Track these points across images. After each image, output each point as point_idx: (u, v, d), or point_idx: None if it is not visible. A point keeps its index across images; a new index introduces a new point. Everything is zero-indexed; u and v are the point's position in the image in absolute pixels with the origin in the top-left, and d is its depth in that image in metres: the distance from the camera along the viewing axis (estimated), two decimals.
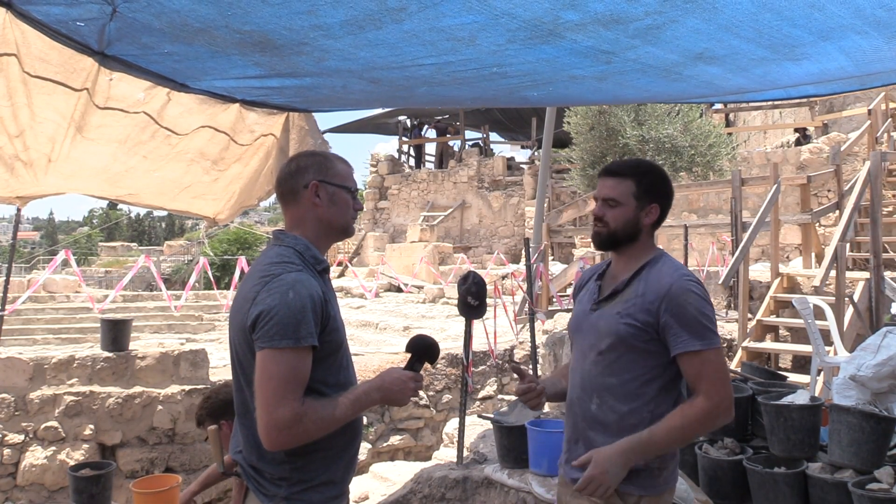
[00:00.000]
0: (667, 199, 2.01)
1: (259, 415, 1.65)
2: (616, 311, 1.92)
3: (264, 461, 1.75)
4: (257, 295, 1.69)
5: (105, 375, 6.27)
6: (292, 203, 1.86)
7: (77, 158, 2.94)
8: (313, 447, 1.73)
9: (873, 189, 7.48)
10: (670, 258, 1.99)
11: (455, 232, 19.86)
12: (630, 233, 1.97)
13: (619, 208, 1.95)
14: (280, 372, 1.63)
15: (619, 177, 1.97)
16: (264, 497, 1.76)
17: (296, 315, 1.65)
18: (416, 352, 1.92)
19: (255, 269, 1.80)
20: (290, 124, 3.62)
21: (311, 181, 1.84)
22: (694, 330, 1.81)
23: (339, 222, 1.88)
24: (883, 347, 3.69)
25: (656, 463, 1.87)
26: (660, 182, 2.00)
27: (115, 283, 18.29)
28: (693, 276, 1.92)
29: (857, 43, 2.46)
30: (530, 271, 6.34)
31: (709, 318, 1.84)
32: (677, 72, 2.83)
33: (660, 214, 1.99)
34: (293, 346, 1.65)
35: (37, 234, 58.65)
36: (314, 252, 1.83)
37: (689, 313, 1.82)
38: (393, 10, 2.09)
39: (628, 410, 1.87)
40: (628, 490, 1.86)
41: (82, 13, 2.12)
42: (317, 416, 1.66)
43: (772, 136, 18.01)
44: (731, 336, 7.42)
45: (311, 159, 1.89)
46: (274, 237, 1.87)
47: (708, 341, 1.81)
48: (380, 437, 7.41)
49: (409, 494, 4.37)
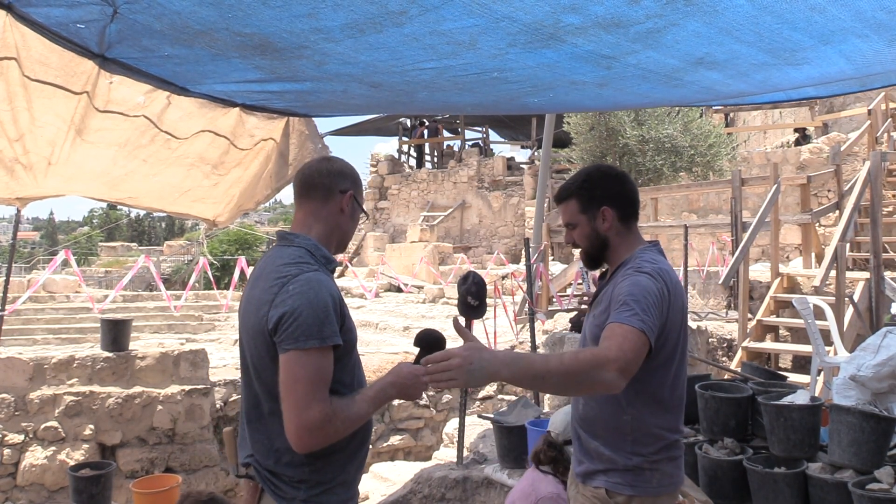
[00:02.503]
0: (617, 196, 1.98)
1: (288, 418, 1.64)
2: (593, 314, 1.95)
3: (282, 464, 1.74)
4: (275, 297, 1.68)
5: (105, 375, 6.27)
6: (319, 200, 1.87)
7: (77, 161, 2.94)
8: (332, 448, 1.73)
9: (873, 189, 7.49)
10: (642, 255, 1.93)
11: (455, 232, 19.85)
12: (598, 245, 1.99)
13: (577, 229, 2.01)
14: (308, 373, 1.63)
15: (564, 200, 2.02)
16: (282, 500, 1.75)
17: (319, 315, 1.65)
18: (425, 345, 1.94)
19: (266, 270, 1.78)
20: (290, 129, 3.63)
21: (349, 190, 1.88)
22: (617, 309, 1.76)
23: (349, 237, 1.94)
24: (883, 347, 3.69)
25: (646, 463, 1.87)
26: (601, 184, 1.99)
27: (115, 283, 18.29)
28: (649, 268, 1.84)
29: (857, 46, 2.46)
30: (530, 271, 6.34)
31: (635, 300, 1.74)
32: (678, 78, 2.82)
33: (618, 213, 1.97)
34: (319, 347, 1.65)
35: (37, 234, 58.60)
36: (324, 252, 1.83)
37: (618, 297, 1.79)
38: (394, 14, 2.08)
39: (610, 412, 1.88)
40: (617, 489, 1.87)
41: (83, 15, 2.12)
42: (344, 416, 1.67)
43: (772, 136, 18.01)
44: (731, 336, 7.43)
45: (351, 170, 1.93)
46: (282, 238, 1.86)
47: (625, 317, 1.71)
48: (380, 437, 7.41)
49: (409, 494, 4.38)
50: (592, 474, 1.93)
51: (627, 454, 1.87)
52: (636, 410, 1.86)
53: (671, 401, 1.91)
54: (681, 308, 1.90)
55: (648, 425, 1.87)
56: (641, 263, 1.87)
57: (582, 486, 1.96)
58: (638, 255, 1.93)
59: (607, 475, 1.89)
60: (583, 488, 1.95)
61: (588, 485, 1.93)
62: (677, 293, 1.87)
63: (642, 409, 1.86)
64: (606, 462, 1.90)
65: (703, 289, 9.38)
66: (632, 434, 1.87)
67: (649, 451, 1.87)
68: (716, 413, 3.23)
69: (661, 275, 1.83)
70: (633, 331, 1.69)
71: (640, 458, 1.87)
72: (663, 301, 1.80)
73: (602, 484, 1.89)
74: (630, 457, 1.87)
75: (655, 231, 10.40)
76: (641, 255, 1.92)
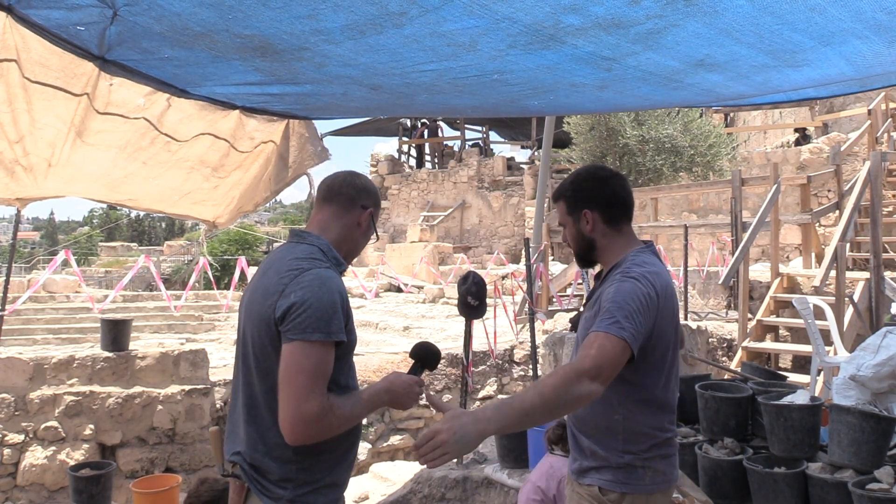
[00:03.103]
0: (599, 199, 1.99)
1: (285, 408, 1.64)
2: (585, 316, 1.97)
3: (270, 459, 1.75)
4: (286, 287, 1.71)
5: (105, 375, 6.28)
6: (340, 209, 1.92)
7: (77, 163, 2.94)
8: (321, 448, 1.74)
9: (873, 189, 7.49)
10: (633, 258, 1.93)
11: (455, 232, 19.85)
12: (584, 245, 2.03)
13: (567, 229, 2.07)
14: (310, 365, 1.65)
15: (556, 201, 2.08)
16: (268, 499, 1.75)
17: (327, 309, 1.68)
18: (420, 358, 1.97)
19: (278, 263, 1.81)
20: (290, 131, 3.63)
21: (370, 208, 1.95)
22: (600, 317, 1.78)
23: (358, 251, 1.99)
24: (883, 347, 3.70)
25: (637, 461, 1.87)
26: (587, 186, 2.01)
27: (115, 283, 18.28)
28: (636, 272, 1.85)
29: (857, 48, 2.46)
30: (530, 271, 6.35)
31: (619, 307, 1.75)
32: (678, 80, 2.82)
33: (601, 215, 1.98)
34: (323, 340, 1.67)
35: (37, 234, 58.60)
36: (335, 253, 1.87)
37: (604, 304, 1.81)
38: (394, 15, 2.08)
39: (601, 411, 1.90)
40: (609, 486, 1.88)
41: (83, 17, 2.12)
42: (340, 412, 1.68)
43: (772, 136, 18.01)
44: (731, 336, 7.43)
45: (375, 191, 2.01)
46: (296, 235, 1.90)
47: (605, 325, 1.73)
48: (380, 437, 7.42)
49: (409, 494, 4.38)
50: (585, 472, 1.94)
51: (619, 452, 1.88)
52: (627, 410, 1.88)
53: (664, 401, 1.92)
54: (672, 309, 1.90)
55: (640, 424, 1.88)
56: (630, 267, 1.88)
57: (577, 483, 1.97)
58: (630, 257, 1.94)
59: (600, 472, 1.91)
60: (577, 486, 1.97)
61: (582, 482, 1.95)
62: (667, 295, 1.87)
63: (633, 409, 1.88)
64: (599, 460, 1.91)
65: (703, 289, 9.39)
66: (623, 433, 1.89)
67: (640, 448, 1.88)
68: (716, 413, 3.24)
69: (649, 278, 1.84)
70: (611, 338, 1.72)
71: (632, 456, 1.88)
72: (650, 305, 1.80)
73: (595, 481, 1.91)
74: (622, 455, 1.88)
75: (655, 231, 10.40)
76: (633, 259, 1.93)
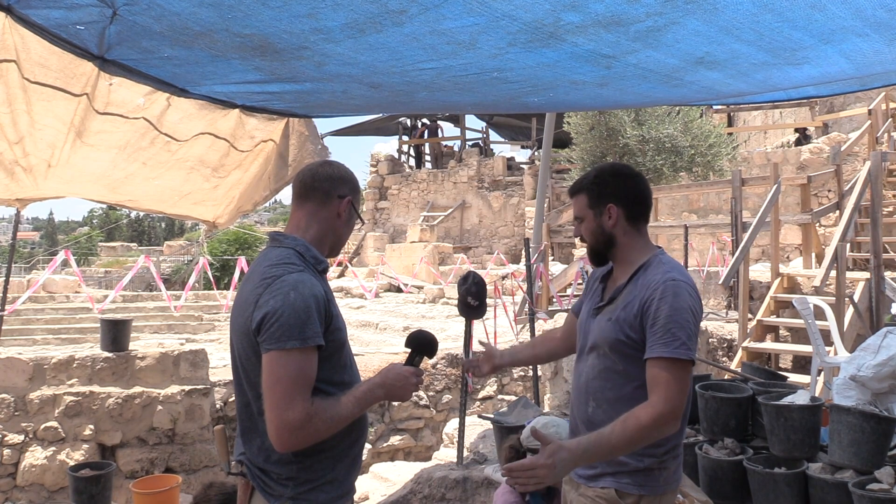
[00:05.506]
0: (626, 195, 1.99)
1: (269, 417, 1.66)
2: (609, 317, 1.94)
3: (271, 462, 1.77)
4: (259, 298, 1.70)
5: (105, 375, 6.27)
6: (316, 202, 1.89)
7: (77, 164, 2.94)
8: (320, 446, 1.74)
9: (873, 189, 7.48)
10: (665, 259, 1.96)
11: (455, 232, 19.85)
12: (603, 241, 2.01)
13: (584, 223, 2.03)
14: (288, 373, 1.65)
15: (576, 194, 2.05)
16: (270, 497, 1.77)
17: (300, 316, 1.67)
18: (416, 347, 1.95)
19: (255, 271, 1.81)
20: (289, 130, 3.62)
21: (347, 196, 1.90)
22: (661, 338, 1.78)
23: (343, 242, 1.96)
24: (883, 348, 3.69)
25: (655, 463, 1.88)
26: (612, 181, 2.01)
27: (114, 283, 18.28)
28: (681, 278, 1.87)
29: (857, 46, 2.45)
30: (530, 271, 6.34)
31: (680, 326, 1.78)
32: (678, 77, 2.82)
33: (625, 211, 1.99)
34: (300, 347, 1.66)
35: (37, 234, 58.63)
36: (314, 252, 1.85)
37: (660, 320, 1.80)
38: (394, 13, 2.08)
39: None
40: (627, 490, 1.88)
41: (82, 16, 2.11)
42: (326, 416, 1.68)
43: (772, 136, 18.01)
44: (731, 336, 7.42)
45: (350, 176, 1.95)
46: (272, 240, 1.88)
47: (672, 349, 1.76)
48: (380, 437, 7.41)
49: (409, 495, 4.38)
50: (599, 476, 1.93)
51: (639, 456, 1.88)
52: None
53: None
54: None
55: None
56: (677, 279, 1.86)
57: (585, 487, 1.96)
58: (662, 260, 1.94)
59: (616, 477, 1.90)
60: (586, 489, 1.95)
61: (593, 486, 1.93)
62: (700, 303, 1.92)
63: None
64: (616, 465, 1.90)
65: (703, 289, 9.38)
66: None
67: (659, 451, 1.89)
68: (716, 413, 3.23)
69: (695, 290, 1.88)
70: (678, 363, 1.76)
71: (652, 460, 1.88)
72: (699, 318, 1.86)
73: (611, 484, 1.90)
74: (641, 458, 1.88)
75: (655, 231, 10.39)
76: (667, 262, 1.93)
